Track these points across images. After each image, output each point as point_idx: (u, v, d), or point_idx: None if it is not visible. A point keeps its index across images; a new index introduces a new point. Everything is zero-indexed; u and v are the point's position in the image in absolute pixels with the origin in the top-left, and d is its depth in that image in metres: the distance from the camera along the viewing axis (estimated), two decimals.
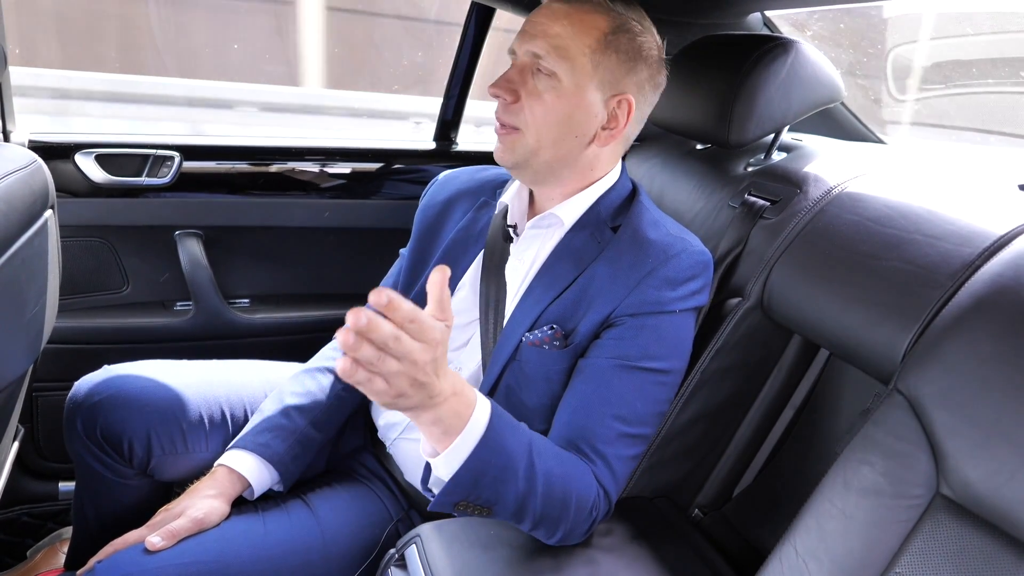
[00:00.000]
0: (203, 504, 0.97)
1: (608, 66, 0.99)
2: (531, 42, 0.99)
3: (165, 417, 1.10)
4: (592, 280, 1.02)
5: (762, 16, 1.62)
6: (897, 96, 2.49)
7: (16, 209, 1.00)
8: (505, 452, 0.81)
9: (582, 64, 0.98)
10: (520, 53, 1.01)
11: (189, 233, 1.66)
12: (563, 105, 0.99)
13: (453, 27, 1.90)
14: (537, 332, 1.01)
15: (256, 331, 1.71)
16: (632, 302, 0.98)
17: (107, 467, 1.11)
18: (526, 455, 0.84)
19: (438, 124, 1.92)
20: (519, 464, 0.83)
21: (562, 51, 0.98)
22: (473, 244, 1.15)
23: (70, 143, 1.51)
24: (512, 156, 1.03)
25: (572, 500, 0.88)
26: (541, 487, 0.85)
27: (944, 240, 0.91)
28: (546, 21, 0.99)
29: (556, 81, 0.98)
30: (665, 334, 0.99)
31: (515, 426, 0.86)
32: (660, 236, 1.03)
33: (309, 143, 1.75)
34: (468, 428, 0.78)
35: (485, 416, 0.80)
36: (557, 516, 0.88)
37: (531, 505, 0.85)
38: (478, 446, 0.78)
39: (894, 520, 0.75)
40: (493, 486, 0.81)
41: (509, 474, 0.82)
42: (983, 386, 0.72)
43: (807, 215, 1.09)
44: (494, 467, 0.80)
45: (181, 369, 1.19)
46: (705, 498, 1.19)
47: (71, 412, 1.11)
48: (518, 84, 1.00)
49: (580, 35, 0.98)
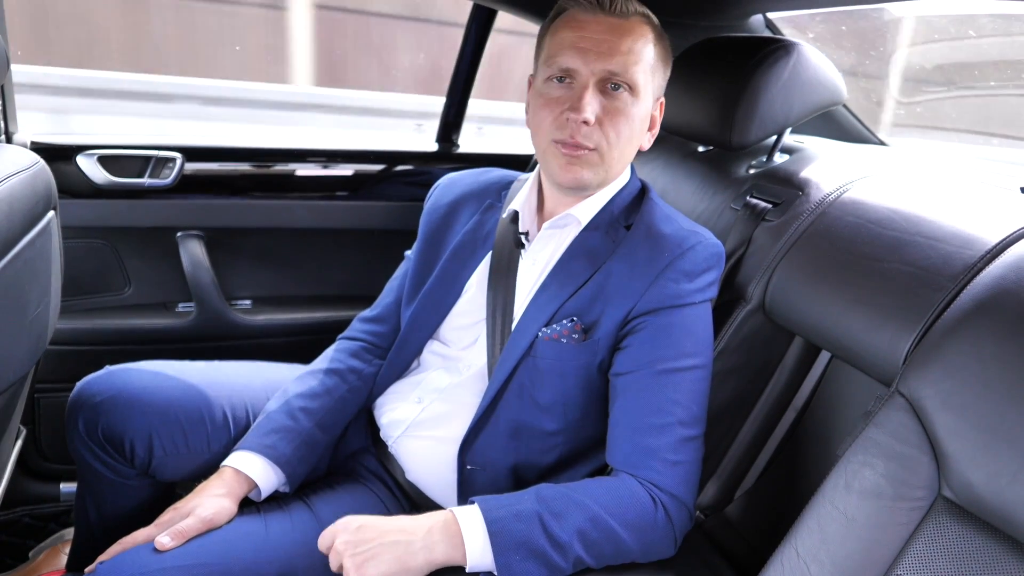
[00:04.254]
0: (212, 504, 0.97)
1: (658, 73, 1.05)
2: (603, 60, 0.98)
3: (167, 417, 1.10)
4: (609, 277, 1.02)
5: (764, 18, 1.62)
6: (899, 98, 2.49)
7: (18, 210, 1.00)
8: (522, 537, 0.85)
9: (648, 77, 1.02)
10: (587, 72, 0.99)
11: (191, 234, 1.66)
12: (639, 119, 1.03)
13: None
14: (555, 326, 1.02)
15: (258, 333, 1.71)
16: (652, 297, 0.98)
17: (108, 467, 1.11)
18: (541, 531, 0.86)
19: (440, 126, 1.92)
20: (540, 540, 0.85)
21: (636, 66, 0.99)
22: (480, 247, 1.15)
23: (72, 144, 1.52)
24: (595, 176, 1.03)
25: (621, 534, 0.88)
26: (579, 545, 0.86)
27: (946, 243, 0.91)
28: (611, 37, 0.99)
29: (634, 97, 1.00)
30: (693, 328, 0.99)
31: (515, 512, 0.87)
32: (674, 230, 1.04)
33: (311, 145, 1.76)
34: (465, 528, 0.85)
35: (471, 513, 0.87)
36: (616, 552, 0.89)
37: (587, 559, 0.87)
38: (494, 544, 0.84)
39: (895, 522, 0.75)
40: (536, 567, 0.84)
41: (540, 550, 0.85)
42: (985, 388, 0.72)
43: (809, 217, 1.09)
44: (522, 551, 0.84)
45: (183, 369, 1.19)
46: (707, 500, 1.19)
47: (73, 412, 1.11)
48: (598, 106, 0.99)
49: (643, 49, 1.01)
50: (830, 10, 1.50)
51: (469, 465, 1.04)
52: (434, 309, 1.16)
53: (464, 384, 1.10)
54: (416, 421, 1.10)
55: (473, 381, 1.09)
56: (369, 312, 1.30)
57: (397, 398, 1.15)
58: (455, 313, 1.15)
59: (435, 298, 1.16)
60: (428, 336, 1.17)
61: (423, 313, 1.16)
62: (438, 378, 1.13)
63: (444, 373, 1.13)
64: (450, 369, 1.13)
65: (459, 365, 1.12)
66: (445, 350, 1.15)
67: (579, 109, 0.97)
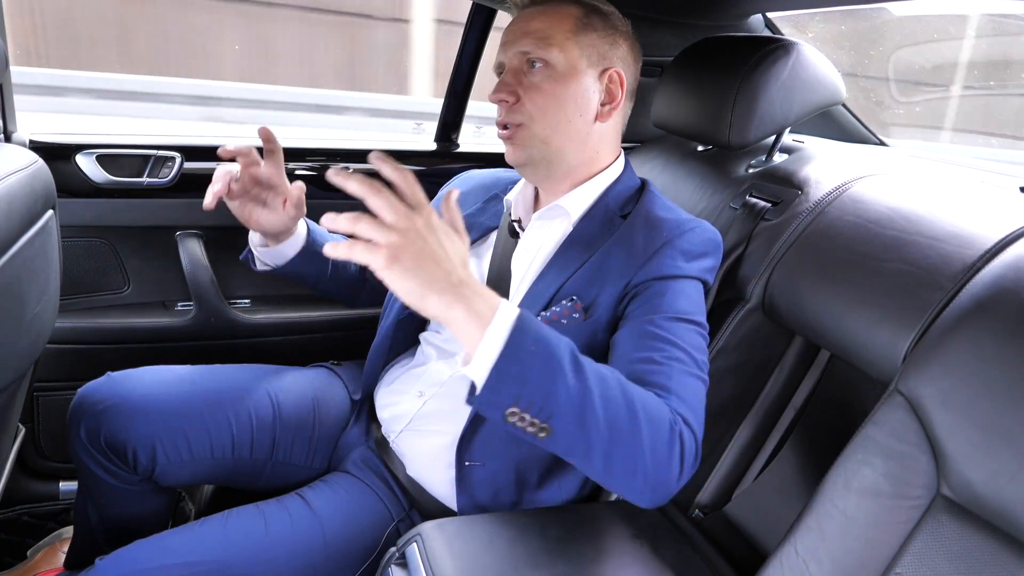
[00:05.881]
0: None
1: (591, 43, 1.07)
2: (515, 44, 1.06)
3: (169, 425, 1.10)
4: (606, 258, 1.03)
5: (763, 18, 1.62)
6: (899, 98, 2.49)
7: (17, 209, 1.00)
8: (544, 340, 0.76)
9: (569, 47, 1.05)
10: (508, 59, 1.08)
11: (190, 233, 1.66)
12: (561, 88, 1.05)
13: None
14: (555, 308, 1.02)
15: (257, 331, 1.71)
16: (648, 270, 0.99)
17: (111, 474, 1.11)
18: (568, 348, 0.78)
19: (439, 125, 1.92)
20: (563, 354, 0.76)
21: (548, 39, 1.05)
22: (476, 231, 1.19)
23: (71, 143, 1.52)
24: (525, 152, 1.08)
25: (638, 407, 0.79)
26: (595, 384, 0.76)
27: (945, 242, 0.91)
28: (523, 23, 1.07)
29: (550, 69, 1.05)
30: (687, 294, 0.99)
31: (551, 328, 0.79)
32: (673, 216, 1.07)
33: (310, 144, 1.76)
34: (500, 313, 0.74)
35: (514, 306, 0.76)
36: (630, 429, 0.77)
37: (592, 410, 0.76)
38: (514, 329, 0.73)
39: (895, 521, 0.75)
40: (539, 380, 0.74)
41: (554, 364, 0.75)
42: (984, 387, 0.72)
43: (808, 216, 1.09)
44: (536, 356, 0.74)
45: (184, 375, 1.19)
46: (706, 498, 1.19)
47: (74, 419, 1.11)
48: (515, 85, 1.06)
49: (558, 23, 1.06)
50: (830, 10, 1.50)
51: (468, 461, 1.04)
52: None
53: (466, 377, 1.10)
54: (418, 415, 1.11)
55: None
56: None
57: (398, 393, 1.16)
58: None
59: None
60: (424, 318, 1.18)
61: None
62: (438, 370, 1.13)
63: (444, 364, 1.13)
64: (448, 361, 1.13)
65: (457, 358, 1.13)
66: (438, 339, 1.17)
67: (495, 89, 1.07)
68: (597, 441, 0.77)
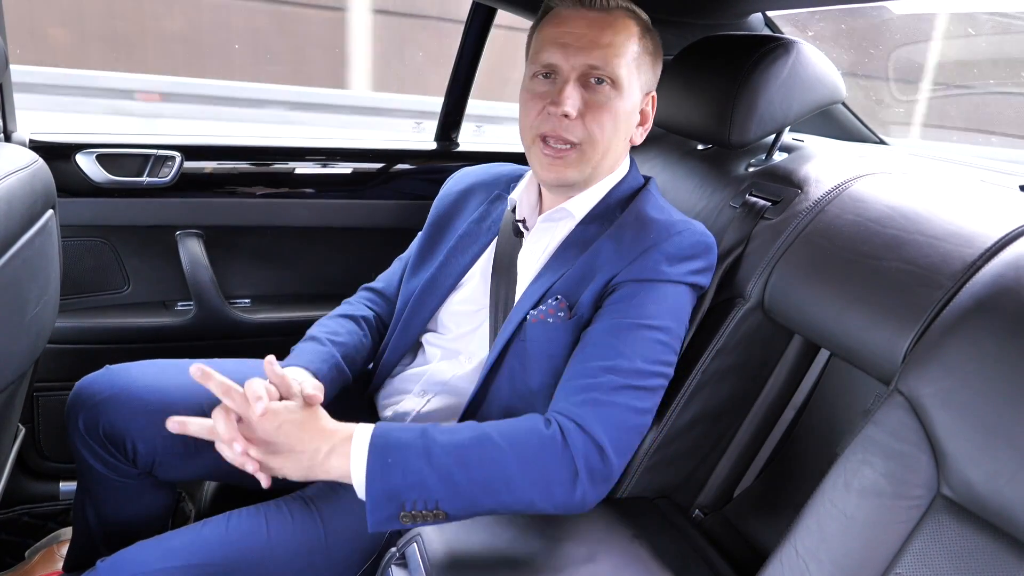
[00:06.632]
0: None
1: (645, 67, 1.05)
2: (582, 54, 0.99)
3: (168, 415, 1.10)
4: (597, 255, 1.04)
5: (763, 16, 1.62)
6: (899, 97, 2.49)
7: (17, 209, 1.00)
8: (398, 447, 0.86)
9: (631, 70, 1.02)
10: (567, 67, 1.00)
11: (190, 233, 1.66)
12: (623, 112, 1.03)
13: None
14: (541, 306, 1.03)
15: (257, 331, 1.71)
16: (630, 270, 1.00)
17: (109, 467, 1.11)
18: (420, 442, 0.86)
19: (439, 124, 1.92)
20: (418, 453, 0.85)
21: (618, 59, 1.00)
22: (484, 235, 1.18)
23: (71, 143, 1.52)
24: (579, 173, 1.05)
25: (508, 456, 0.86)
26: (455, 463, 0.85)
27: (945, 241, 0.91)
28: (590, 32, 1.00)
29: (616, 90, 1.01)
30: (662, 298, 0.99)
31: (403, 426, 0.90)
32: (664, 217, 1.06)
33: (310, 143, 1.76)
34: (354, 450, 0.86)
35: (365, 434, 0.88)
36: (503, 478, 0.86)
37: (465, 482, 0.85)
38: (370, 457, 0.85)
39: (895, 521, 0.75)
40: (409, 484, 0.84)
41: (414, 465, 0.85)
42: (984, 387, 0.72)
43: (808, 215, 1.09)
44: (396, 467, 0.85)
45: (183, 368, 1.18)
46: (706, 498, 1.19)
47: (73, 411, 1.11)
48: (579, 100, 1.00)
49: (625, 42, 1.01)
50: (830, 8, 1.50)
51: None
52: (435, 292, 1.18)
53: (468, 376, 1.10)
54: (420, 414, 1.11)
55: (475, 373, 1.10)
56: (374, 284, 1.33)
57: (401, 391, 1.16)
58: (455, 299, 1.16)
59: (437, 282, 1.18)
60: (428, 318, 1.18)
61: (424, 296, 1.18)
62: (440, 370, 1.13)
63: (446, 364, 1.13)
64: (451, 361, 1.13)
65: (460, 358, 1.13)
66: (442, 340, 1.16)
67: (559, 103, 0.99)
68: (487, 500, 0.86)
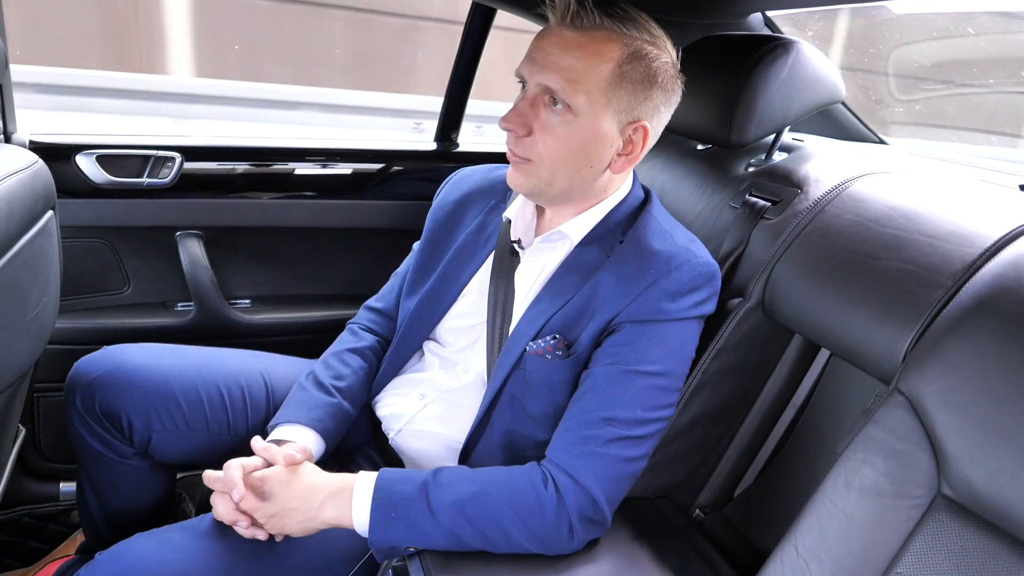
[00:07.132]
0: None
1: (622, 96, 0.96)
2: (542, 74, 0.95)
3: (164, 394, 1.11)
4: (596, 289, 1.01)
5: (763, 16, 1.62)
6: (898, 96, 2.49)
7: (17, 210, 1.00)
8: (401, 497, 0.90)
9: (596, 98, 0.95)
10: (531, 84, 0.97)
11: (190, 234, 1.66)
12: (577, 139, 0.97)
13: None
14: (540, 342, 1.01)
15: (257, 332, 1.71)
16: (633, 310, 0.98)
17: (106, 444, 1.12)
18: (421, 490, 0.90)
19: (439, 124, 1.92)
20: (419, 504, 0.90)
21: (576, 85, 0.94)
22: (481, 248, 1.15)
23: (71, 144, 1.51)
24: (526, 185, 1.02)
25: (507, 512, 0.90)
26: (453, 514, 0.89)
27: (945, 240, 0.91)
28: (557, 51, 0.95)
29: (570, 115, 0.95)
30: (665, 339, 0.98)
31: (404, 477, 0.93)
32: (665, 247, 1.01)
33: (310, 144, 1.76)
34: (356, 497, 0.91)
35: (368, 484, 0.92)
36: (499, 528, 0.89)
37: (463, 532, 0.89)
38: (373, 508, 0.90)
39: (895, 520, 0.75)
40: (406, 529, 0.89)
41: (416, 519, 0.89)
42: (984, 386, 0.72)
43: (808, 215, 1.09)
44: (398, 521, 0.90)
45: (179, 351, 1.20)
46: (706, 498, 1.19)
47: (70, 389, 1.12)
48: (530, 118, 0.97)
49: (594, 67, 0.94)
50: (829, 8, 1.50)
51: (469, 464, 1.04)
52: (433, 308, 1.16)
53: (465, 388, 1.10)
54: (418, 416, 1.11)
55: (473, 385, 1.10)
56: (375, 302, 1.31)
57: (399, 393, 1.16)
58: (453, 314, 1.15)
59: (435, 297, 1.16)
60: (426, 335, 1.18)
61: (422, 312, 1.17)
62: (439, 379, 1.13)
63: (443, 375, 1.13)
64: (448, 372, 1.13)
65: (456, 369, 1.13)
66: (441, 350, 1.16)
67: (506, 116, 0.98)
68: (484, 547, 0.91)
